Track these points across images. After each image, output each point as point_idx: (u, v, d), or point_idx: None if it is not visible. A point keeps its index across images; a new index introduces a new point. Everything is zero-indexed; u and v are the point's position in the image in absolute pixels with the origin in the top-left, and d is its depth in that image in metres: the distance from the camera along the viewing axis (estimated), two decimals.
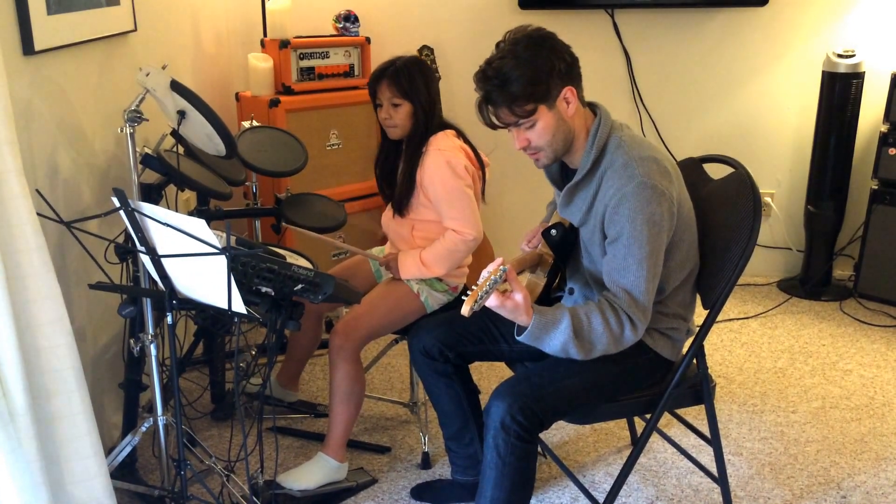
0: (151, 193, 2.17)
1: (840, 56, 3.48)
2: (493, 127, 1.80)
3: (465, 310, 1.57)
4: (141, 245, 1.69)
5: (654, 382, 1.96)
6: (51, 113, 2.04)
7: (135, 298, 1.94)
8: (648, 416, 1.98)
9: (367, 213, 3.45)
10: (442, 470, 2.43)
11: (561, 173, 1.97)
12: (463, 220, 2.26)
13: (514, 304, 1.65)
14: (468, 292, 1.59)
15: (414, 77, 2.28)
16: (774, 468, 2.44)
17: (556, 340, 1.70)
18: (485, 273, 1.62)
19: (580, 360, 1.75)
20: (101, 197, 2.31)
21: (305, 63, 3.29)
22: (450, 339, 2.09)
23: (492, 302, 1.63)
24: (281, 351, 2.88)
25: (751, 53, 3.73)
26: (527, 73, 1.69)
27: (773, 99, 3.79)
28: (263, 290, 1.74)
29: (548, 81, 1.71)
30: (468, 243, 2.28)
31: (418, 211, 2.35)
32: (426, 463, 2.45)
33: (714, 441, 2.06)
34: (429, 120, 2.31)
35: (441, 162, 2.25)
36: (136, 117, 1.89)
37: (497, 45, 1.76)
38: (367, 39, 3.42)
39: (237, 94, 3.39)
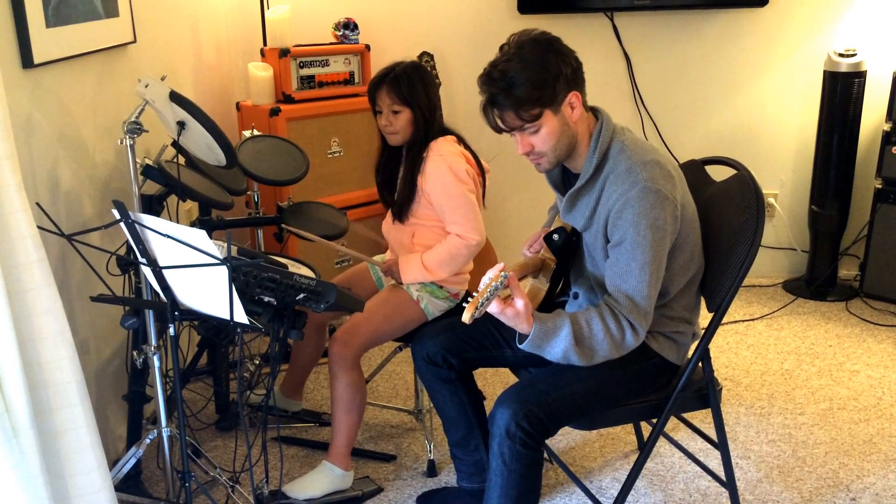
0: (153, 204, 2.17)
1: (841, 55, 3.47)
2: (499, 131, 1.78)
3: (466, 317, 1.56)
4: (142, 257, 1.69)
5: (659, 387, 1.95)
6: (51, 126, 2.04)
7: (137, 310, 1.94)
8: (655, 420, 1.97)
9: (369, 220, 3.44)
10: (448, 477, 2.42)
11: (563, 178, 1.96)
12: (466, 224, 2.25)
13: (514, 312, 1.64)
14: (469, 299, 1.58)
15: (413, 83, 2.27)
16: (783, 471, 2.42)
17: (558, 348, 1.70)
18: (485, 279, 1.61)
19: (582, 366, 1.74)
20: (103, 209, 2.31)
21: (305, 71, 3.30)
22: (453, 346, 2.08)
23: (493, 308, 1.62)
24: (284, 360, 2.87)
25: (751, 54, 3.73)
26: (533, 76, 1.67)
27: (775, 99, 3.78)
28: (265, 299, 1.73)
29: (554, 86, 1.69)
30: (471, 248, 2.27)
31: (419, 216, 2.34)
32: (432, 471, 2.44)
33: (721, 445, 2.05)
34: (429, 126, 2.30)
35: (443, 167, 2.24)
36: (135, 129, 1.89)
37: (501, 48, 1.74)
38: (367, 47, 3.42)
39: (238, 104, 3.39)
